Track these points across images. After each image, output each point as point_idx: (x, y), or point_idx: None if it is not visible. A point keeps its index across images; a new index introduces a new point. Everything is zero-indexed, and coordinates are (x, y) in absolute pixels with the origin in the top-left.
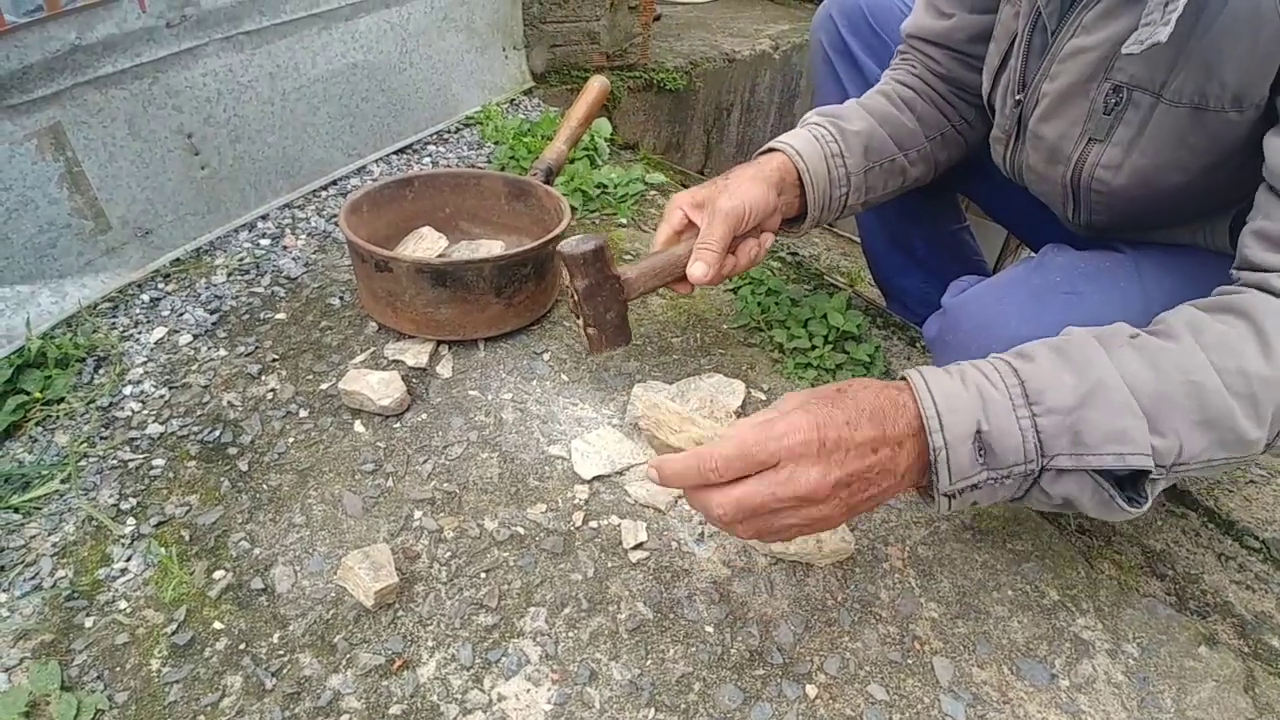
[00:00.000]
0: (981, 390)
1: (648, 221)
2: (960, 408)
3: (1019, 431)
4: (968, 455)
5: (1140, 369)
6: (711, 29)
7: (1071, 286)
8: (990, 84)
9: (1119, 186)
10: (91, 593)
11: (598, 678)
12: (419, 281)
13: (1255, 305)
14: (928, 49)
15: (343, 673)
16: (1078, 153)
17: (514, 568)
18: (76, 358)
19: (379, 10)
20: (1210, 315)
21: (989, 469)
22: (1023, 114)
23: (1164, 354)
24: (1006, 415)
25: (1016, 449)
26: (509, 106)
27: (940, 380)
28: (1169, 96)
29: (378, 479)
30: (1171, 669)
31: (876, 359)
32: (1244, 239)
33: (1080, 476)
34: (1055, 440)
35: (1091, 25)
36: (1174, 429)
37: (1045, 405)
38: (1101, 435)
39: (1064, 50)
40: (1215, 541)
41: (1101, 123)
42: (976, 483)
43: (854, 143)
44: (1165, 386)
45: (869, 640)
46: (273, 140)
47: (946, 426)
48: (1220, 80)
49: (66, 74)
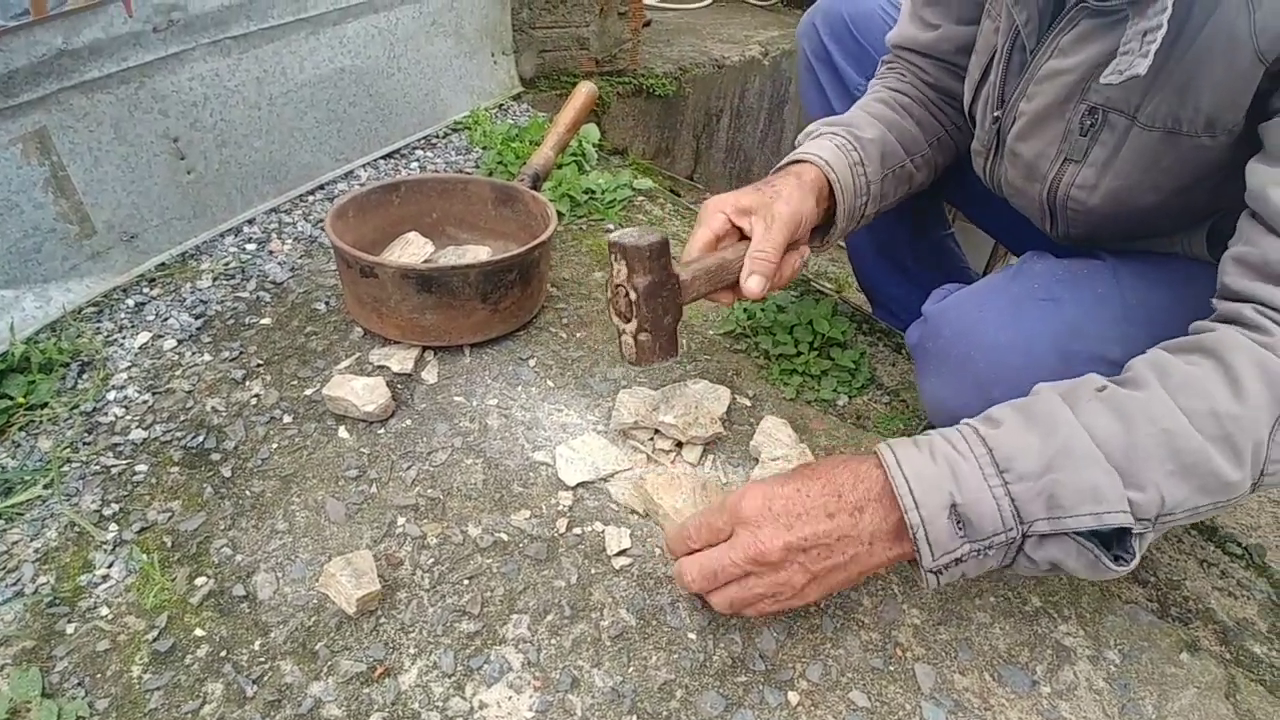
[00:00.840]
0: (951, 462)
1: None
2: (931, 482)
3: (993, 500)
4: (946, 529)
5: (1108, 423)
6: (701, 35)
7: (1050, 293)
8: (971, 96)
9: (1094, 205)
10: (73, 599)
11: (580, 685)
12: (404, 287)
13: (1223, 343)
14: (915, 59)
15: (324, 680)
16: (1053, 172)
17: (497, 574)
18: (60, 363)
19: (367, 15)
20: (1177, 357)
21: (970, 540)
22: (1001, 130)
23: (1131, 404)
24: (979, 485)
25: (993, 518)
26: (498, 112)
27: (909, 455)
28: (1143, 120)
29: (361, 485)
30: (1153, 675)
31: (861, 365)
32: (1224, 264)
33: (1063, 540)
34: (1030, 506)
35: (1068, 48)
36: (1152, 481)
37: (1015, 472)
38: (1075, 497)
39: (1041, 71)
40: (1197, 548)
41: (1077, 144)
42: (960, 556)
43: (871, 150)
44: (1135, 438)
45: (851, 647)
46: (259, 145)
47: (920, 503)
48: (1194, 105)
49: (52, 78)
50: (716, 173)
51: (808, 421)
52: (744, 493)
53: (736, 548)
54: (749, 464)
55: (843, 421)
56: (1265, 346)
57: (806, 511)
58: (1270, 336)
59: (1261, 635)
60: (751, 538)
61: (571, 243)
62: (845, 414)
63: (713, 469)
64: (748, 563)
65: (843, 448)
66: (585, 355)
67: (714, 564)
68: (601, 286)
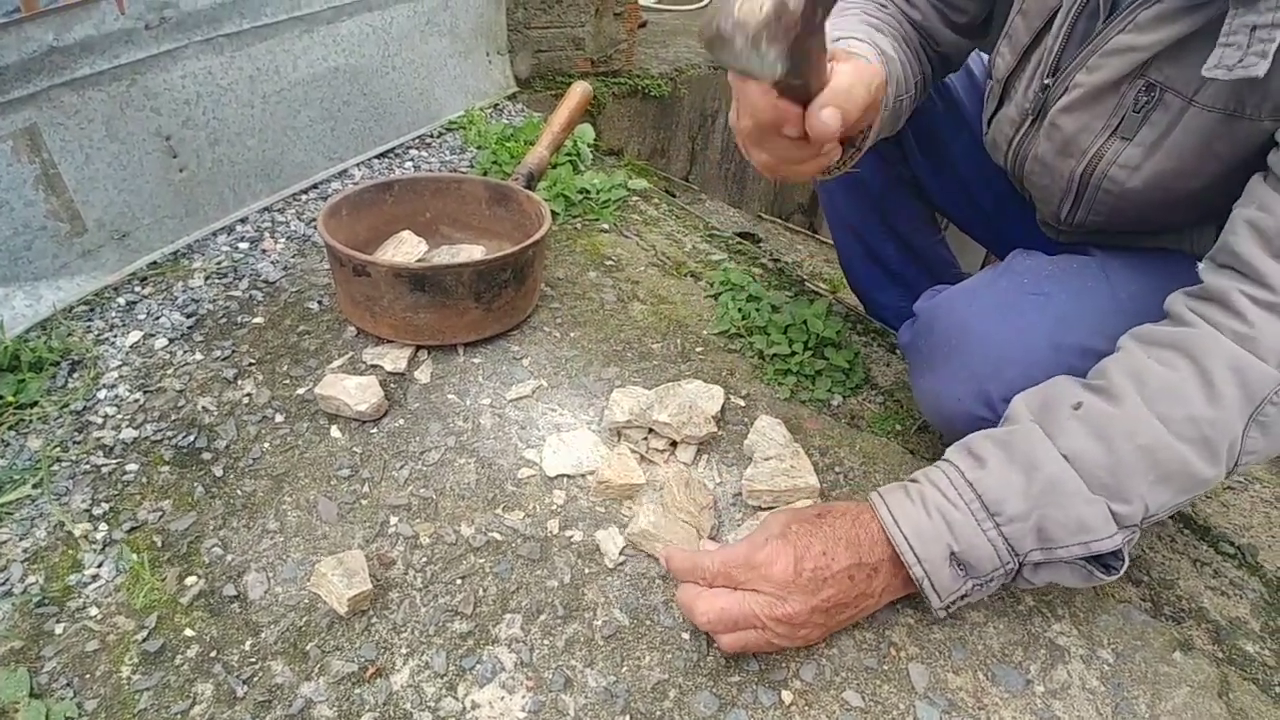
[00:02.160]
0: (944, 513)
1: (630, 227)
2: (929, 537)
3: (989, 544)
4: (948, 575)
5: (1088, 445)
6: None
7: (1039, 288)
8: (1014, 62)
9: (1132, 188)
10: (62, 599)
11: (573, 685)
12: (397, 286)
13: (1200, 344)
14: None
15: (315, 680)
16: (1095, 148)
17: (490, 574)
18: (51, 361)
19: (361, 14)
20: (1151, 356)
21: (971, 578)
22: (1046, 100)
23: (1110, 422)
24: (974, 532)
25: (990, 558)
26: (493, 111)
27: (904, 510)
28: (1202, 100)
29: (354, 485)
30: (1146, 675)
31: (856, 365)
32: (1233, 222)
33: (1056, 565)
34: (1023, 541)
35: (1146, 25)
36: (1137, 493)
37: (1006, 515)
38: (1064, 530)
39: (1110, 45)
40: (1190, 547)
41: (1130, 120)
42: (964, 593)
43: (893, 70)
44: (1118, 457)
45: (845, 646)
46: (252, 143)
47: (922, 559)
48: (1264, 91)
49: (43, 75)
50: (711, 174)
51: (802, 421)
52: (773, 557)
53: (763, 605)
54: (743, 463)
55: (837, 421)
56: (1240, 340)
57: (832, 576)
58: (1249, 325)
59: (1254, 634)
60: (780, 602)
61: (566, 242)
62: (839, 414)
63: (706, 468)
64: (772, 622)
65: (837, 448)
66: (579, 355)
67: (736, 614)
68: (596, 286)
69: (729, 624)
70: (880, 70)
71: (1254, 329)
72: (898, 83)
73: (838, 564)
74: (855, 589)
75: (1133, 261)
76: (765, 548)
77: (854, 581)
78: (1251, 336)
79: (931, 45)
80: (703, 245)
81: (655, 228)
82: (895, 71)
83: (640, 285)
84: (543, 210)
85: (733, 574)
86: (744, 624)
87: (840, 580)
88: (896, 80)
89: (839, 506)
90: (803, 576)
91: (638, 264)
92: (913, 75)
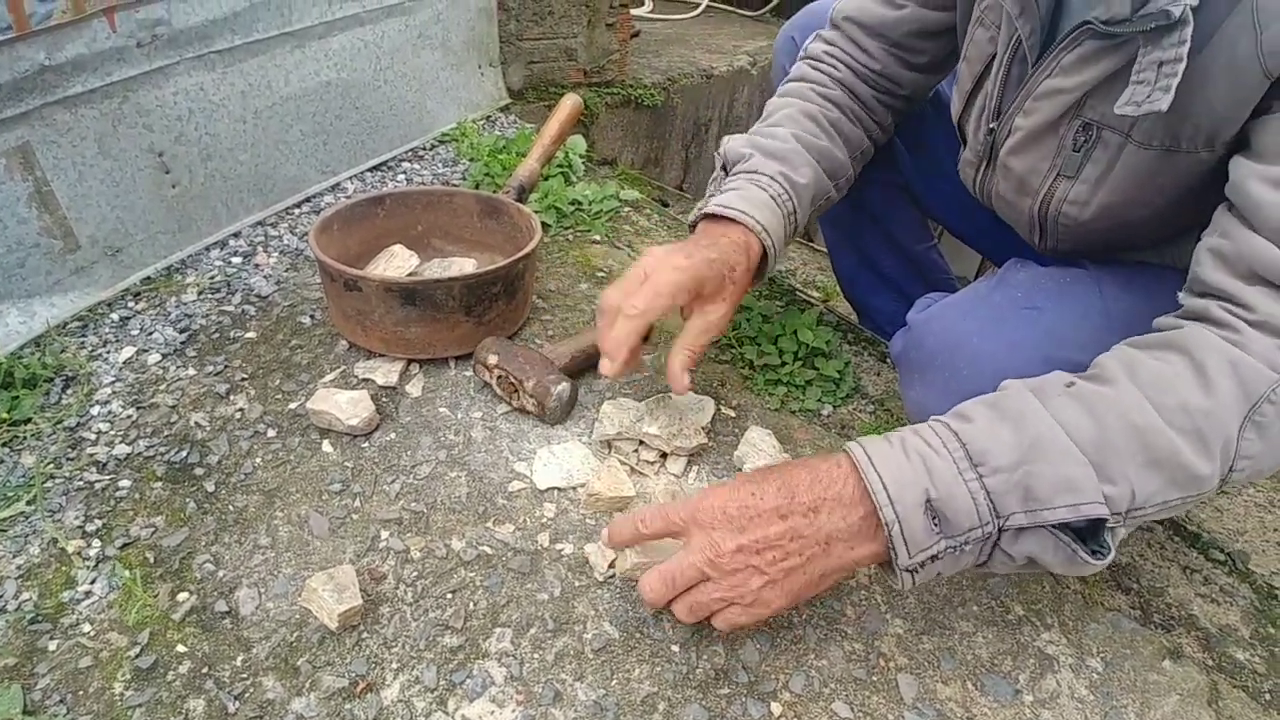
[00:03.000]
0: (925, 458)
1: (622, 238)
2: (906, 479)
3: (969, 495)
4: (921, 525)
5: (1079, 417)
6: (690, 45)
7: (1032, 302)
8: (961, 106)
9: (1086, 220)
10: (55, 616)
11: (562, 698)
12: (388, 300)
13: (1193, 340)
14: (863, 38)
15: (306, 696)
16: (1045, 187)
17: (480, 588)
18: (44, 378)
19: (353, 29)
20: (1146, 353)
21: (945, 537)
22: (995, 143)
23: (1101, 400)
24: (954, 480)
25: (969, 513)
26: (485, 123)
27: (881, 451)
28: (1138, 137)
29: (345, 499)
30: (1135, 683)
31: (846, 375)
32: (1198, 254)
33: (1039, 534)
34: (1006, 499)
35: (1070, 68)
36: (1123, 474)
37: (990, 465)
38: (1051, 488)
39: (1040, 89)
40: (1180, 554)
41: (1070, 159)
42: (935, 553)
43: (804, 196)
44: (1107, 433)
45: (834, 657)
46: (245, 158)
47: (895, 499)
48: (1194, 124)
49: (35, 93)
50: (705, 182)
51: (792, 431)
52: (703, 495)
53: (691, 551)
54: (733, 474)
55: (827, 431)
56: (1235, 344)
57: (760, 514)
58: (1239, 334)
59: (1244, 641)
60: (706, 539)
61: (558, 254)
62: (830, 424)
63: (697, 480)
64: (704, 565)
65: None
66: None
67: (671, 570)
68: (588, 298)
69: (668, 583)
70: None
71: (1243, 336)
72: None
73: (765, 500)
74: (789, 529)
75: (1126, 276)
76: (698, 496)
77: (786, 521)
78: (1243, 342)
79: (894, 90)
80: None
81: (647, 238)
82: (808, 190)
83: None
84: (533, 223)
85: (667, 515)
86: (682, 580)
87: (769, 518)
88: (812, 195)
89: (798, 460)
90: (728, 511)
91: None
92: (846, 160)
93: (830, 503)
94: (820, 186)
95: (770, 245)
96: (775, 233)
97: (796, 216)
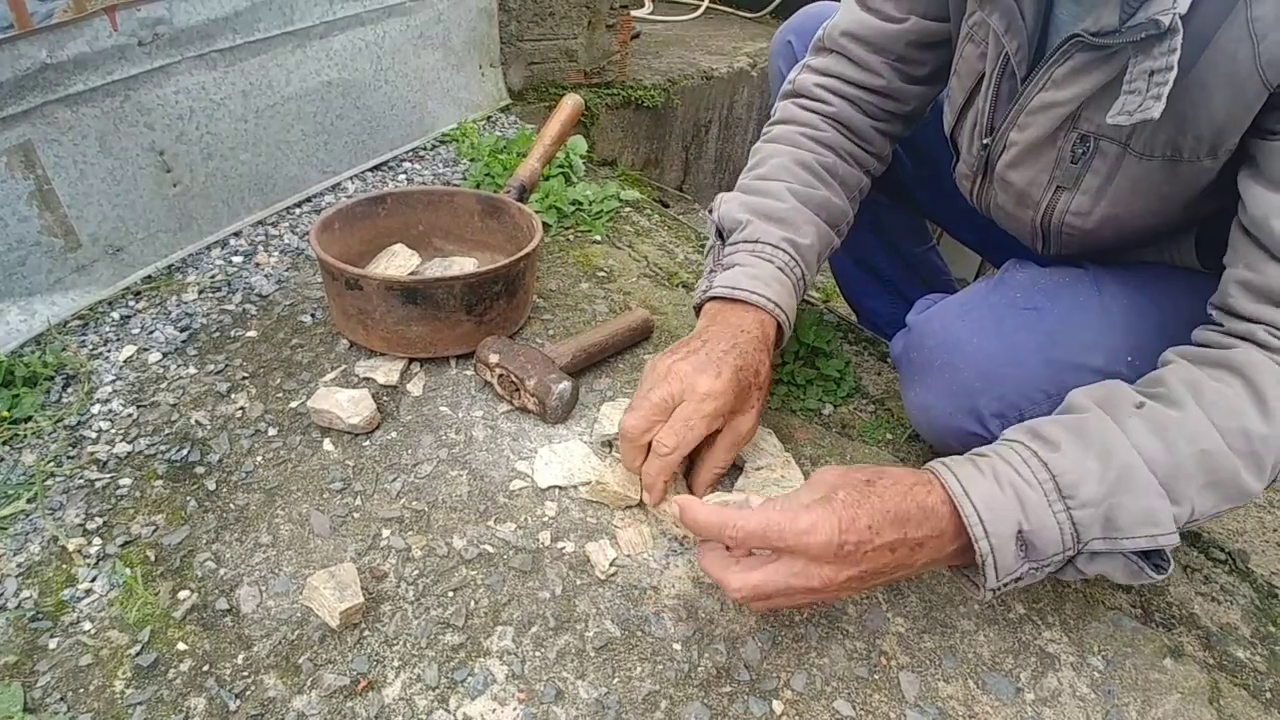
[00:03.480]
0: (1019, 491)
1: (622, 238)
2: (1000, 511)
3: (1057, 526)
4: (1011, 554)
5: (1153, 443)
6: (690, 47)
7: (1031, 302)
8: (954, 120)
9: (1090, 229)
10: (56, 614)
11: (564, 697)
12: (389, 299)
13: (1250, 363)
14: (864, 54)
15: (307, 694)
16: (1046, 199)
17: (482, 586)
18: (45, 376)
19: (354, 29)
20: (1206, 373)
21: (1030, 561)
22: (990, 157)
23: (1171, 424)
24: (1044, 513)
25: (1055, 542)
26: (486, 123)
27: (975, 481)
28: (1138, 148)
29: (346, 498)
30: (1137, 681)
31: (846, 374)
32: (1228, 286)
33: (1114, 557)
34: (1089, 529)
35: (1062, 80)
36: (1188, 496)
37: (1079, 499)
38: (1132, 520)
39: (1033, 103)
40: (1181, 553)
41: (1069, 171)
42: (1020, 575)
43: (810, 257)
44: (1178, 459)
45: (836, 656)
46: (246, 158)
47: (991, 533)
48: (1194, 134)
49: (37, 92)
50: (705, 183)
51: (793, 430)
52: (815, 525)
53: (798, 577)
54: (733, 473)
55: (828, 430)
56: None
57: (875, 549)
58: None
59: (1245, 640)
60: (816, 573)
61: (558, 254)
62: (830, 423)
63: None
64: (813, 591)
65: (828, 457)
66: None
67: (771, 589)
68: (588, 298)
69: (763, 597)
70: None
71: None
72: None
73: (881, 539)
74: (895, 561)
75: (1124, 275)
76: (807, 514)
77: (895, 555)
78: None
79: (895, 110)
80: (695, 256)
81: (647, 238)
82: (813, 250)
83: (632, 296)
84: (534, 223)
85: (770, 538)
86: (778, 596)
87: (881, 554)
88: (818, 253)
89: (892, 472)
90: (844, 550)
91: (630, 275)
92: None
93: (935, 539)
94: (824, 241)
95: (785, 320)
96: (788, 306)
97: (805, 280)
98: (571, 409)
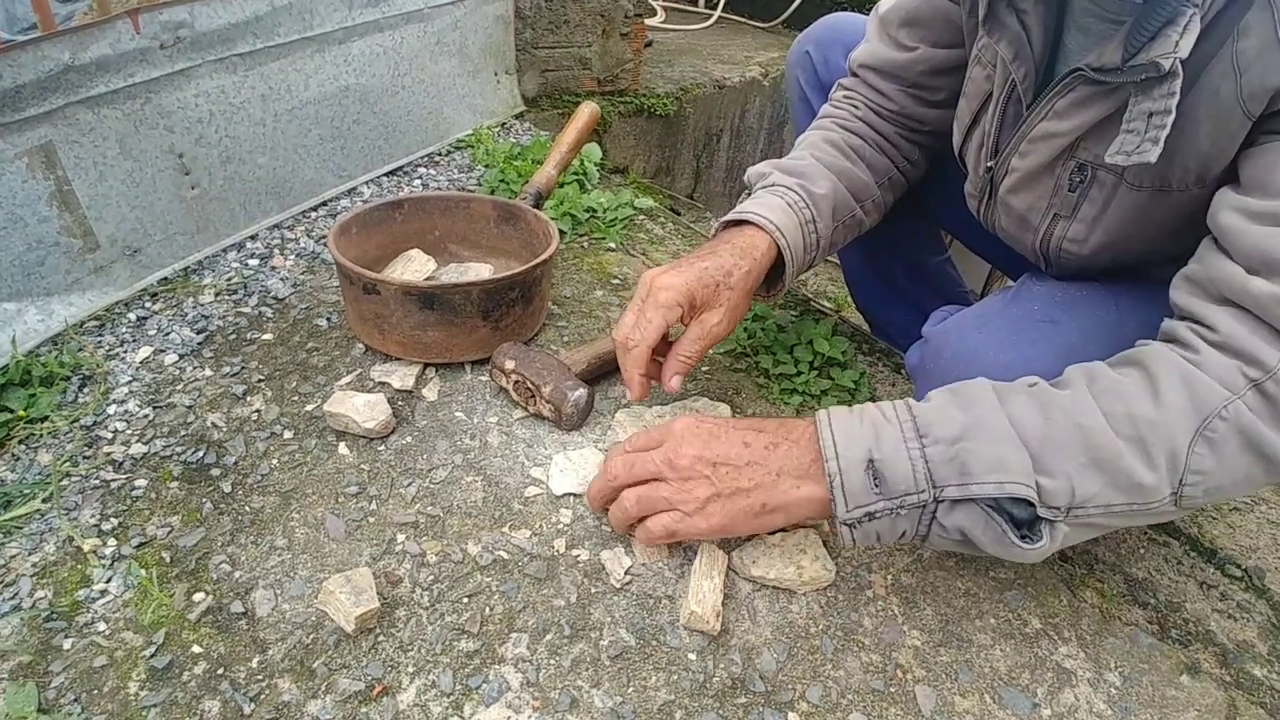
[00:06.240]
0: (876, 424)
1: (636, 246)
2: (854, 438)
3: (908, 459)
4: (860, 481)
5: (1029, 412)
6: (702, 56)
7: (1049, 315)
8: (961, 139)
9: (1086, 255)
10: (70, 614)
11: (579, 705)
12: (406, 304)
13: (1154, 356)
14: (881, 82)
15: (321, 698)
16: (1045, 225)
17: (496, 593)
18: (61, 376)
19: (372, 34)
20: (1111, 368)
21: (884, 497)
22: (994, 180)
23: (1054, 400)
24: (897, 445)
25: (907, 477)
26: (500, 130)
27: (840, 415)
28: (1130, 179)
29: (361, 502)
30: (1153, 698)
31: (861, 385)
32: (1175, 280)
33: (971, 508)
34: (943, 469)
35: (1064, 112)
36: (1063, 471)
37: (932, 436)
38: (983, 464)
39: (1035, 132)
40: (1197, 570)
41: (1067, 200)
42: (872, 510)
43: (823, 206)
44: (1052, 430)
45: (851, 668)
46: (263, 161)
47: (841, 454)
48: (1182, 166)
49: (59, 93)
50: (716, 191)
51: None
52: (680, 419)
53: (664, 450)
54: None
55: None
56: (1192, 362)
57: (726, 435)
58: (1198, 354)
59: (1261, 658)
60: (673, 443)
61: (573, 261)
62: None
63: None
64: (663, 463)
65: None
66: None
67: (634, 459)
68: (603, 305)
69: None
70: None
71: (1201, 355)
72: (834, 206)
73: (735, 430)
74: (748, 454)
75: (1141, 290)
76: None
77: (748, 448)
78: (1200, 360)
79: (918, 128)
80: None
81: (661, 246)
82: (826, 200)
83: None
84: (550, 229)
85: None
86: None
87: (733, 441)
88: (833, 206)
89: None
90: (700, 429)
91: None
92: (871, 181)
93: (788, 443)
94: (840, 199)
95: (784, 244)
96: (790, 233)
97: (816, 225)
98: (587, 416)
